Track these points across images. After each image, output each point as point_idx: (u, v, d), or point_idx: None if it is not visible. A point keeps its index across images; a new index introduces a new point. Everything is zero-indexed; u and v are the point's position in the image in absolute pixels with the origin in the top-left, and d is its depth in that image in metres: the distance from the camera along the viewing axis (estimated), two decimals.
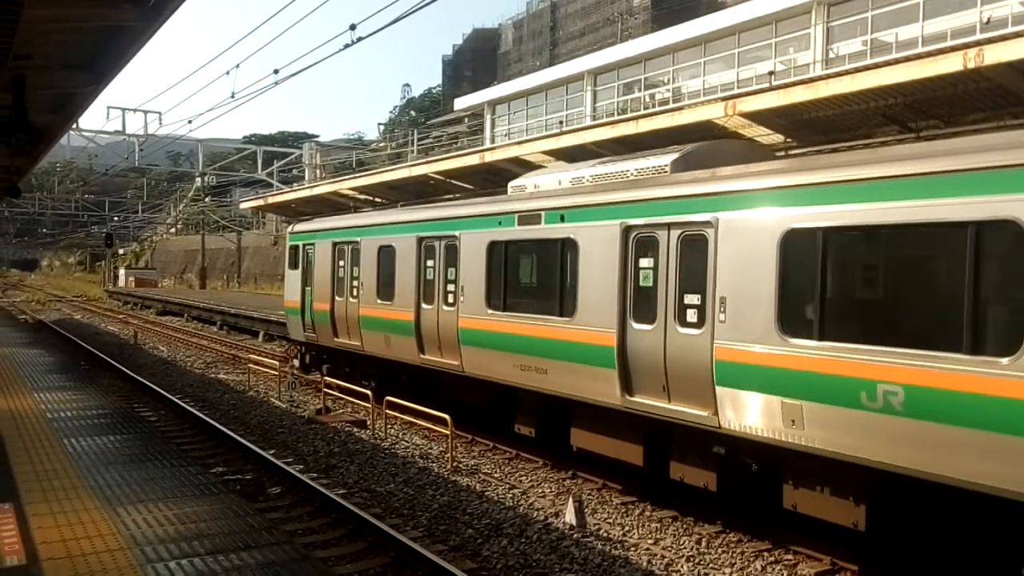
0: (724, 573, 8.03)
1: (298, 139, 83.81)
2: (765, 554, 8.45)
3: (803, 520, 8.55)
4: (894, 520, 7.41)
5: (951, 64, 9.38)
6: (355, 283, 15.50)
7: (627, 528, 9.22)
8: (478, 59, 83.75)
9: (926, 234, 6.77)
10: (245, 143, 70.35)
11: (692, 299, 8.57)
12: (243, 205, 38.91)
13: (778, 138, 12.89)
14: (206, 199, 72.14)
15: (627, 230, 9.36)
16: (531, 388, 10.99)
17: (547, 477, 11.31)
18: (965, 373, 6.24)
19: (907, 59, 10.35)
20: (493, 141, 40.84)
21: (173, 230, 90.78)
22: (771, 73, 25.91)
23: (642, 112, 20.88)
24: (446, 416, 12.07)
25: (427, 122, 73.62)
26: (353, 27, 11.83)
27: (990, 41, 9.43)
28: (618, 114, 32.73)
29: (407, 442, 13.32)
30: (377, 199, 24.28)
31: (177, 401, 16.01)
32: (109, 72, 11.21)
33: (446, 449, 12.16)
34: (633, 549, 8.55)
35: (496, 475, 11.42)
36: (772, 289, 7.68)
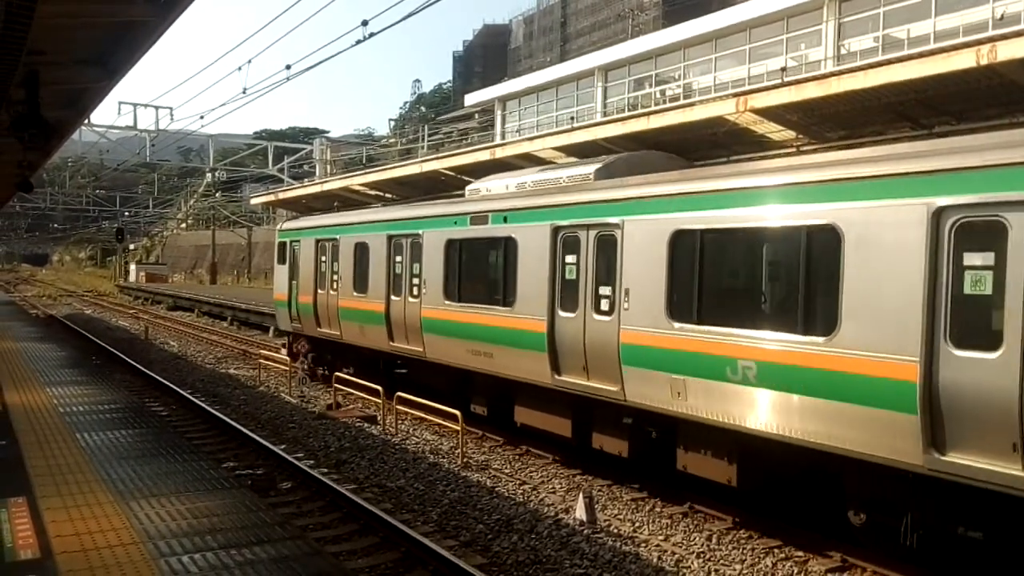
0: (735, 569, 8.03)
1: (309, 135, 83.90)
2: (776, 550, 8.43)
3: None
4: (757, 475, 8.80)
5: (964, 60, 9.28)
6: (335, 277, 16.80)
7: (638, 524, 9.23)
8: (489, 55, 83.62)
9: (774, 236, 8.22)
10: (256, 138, 70.51)
11: (605, 290, 10.08)
12: (253, 200, 38.93)
13: (790, 134, 12.82)
14: (217, 194, 72.34)
15: (556, 230, 10.79)
16: (482, 371, 12.34)
17: (557, 473, 11.32)
18: (798, 351, 7.68)
19: (920, 55, 10.25)
20: (503, 137, 40.77)
21: (184, 225, 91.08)
22: (783, 69, 25.81)
23: (653, 108, 20.81)
24: (457, 412, 12.10)
25: (437, 118, 73.60)
26: (365, 23, 11.82)
27: (1004, 37, 9.32)
28: (629, 110, 32.64)
29: (417, 438, 13.35)
30: (388, 195, 24.29)
31: (188, 396, 16.11)
32: (121, 67, 11.22)
33: (456, 445, 12.19)
34: (644, 545, 8.56)
35: (506, 471, 11.44)
36: (663, 281, 9.16)
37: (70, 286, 67.61)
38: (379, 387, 14.63)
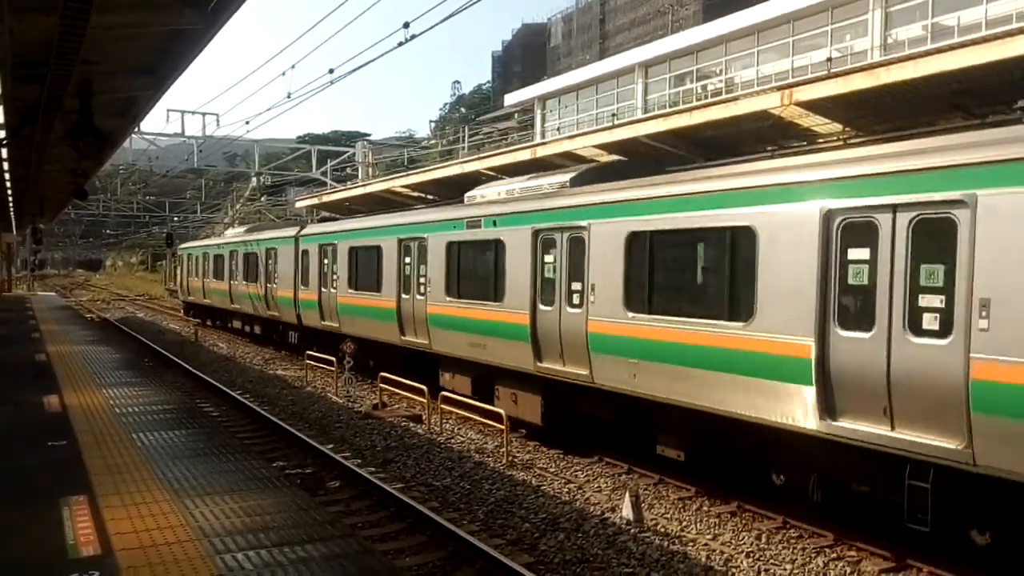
0: (785, 569, 7.91)
1: (351, 138, 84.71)
2: (827, 550, 8.29)
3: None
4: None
5: (1021, 47, 9.00)
6: (201, 270, 32.54)
7: (685, 523, 9.15)
8: (527, 54, 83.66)
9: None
10: (299, 143, 71.41)
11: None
12: (298, 204, 39.45)
13: (836, 127, 12.56)
14: (262, 198, 73.41)
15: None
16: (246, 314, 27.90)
17: (602, 472, 11.27)
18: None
19: (973, 43, 9.96)
20: (543, 136, 40.72)
21: (230, 230, 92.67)
22: (829, 60, 25.33)
23: (696, 103, 20.56)
24: (501, 411, 12.12)
25: (477, 118, 73.80)
26: (407, 25, 11.89)
27: None
28: (670, 106, 32.34)
29: (462, 437, 13.41)
30: (429, 196, 24.44)
31: (238, 397, 16.40)
32: (170, 75, 11.49)
33: (501, 444, 12.21)
34: (691, 544, 8.48)
35: (551, 470, 11.43)
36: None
37: (122, 290, 69.42)
38: (424, 387, 14.75)
